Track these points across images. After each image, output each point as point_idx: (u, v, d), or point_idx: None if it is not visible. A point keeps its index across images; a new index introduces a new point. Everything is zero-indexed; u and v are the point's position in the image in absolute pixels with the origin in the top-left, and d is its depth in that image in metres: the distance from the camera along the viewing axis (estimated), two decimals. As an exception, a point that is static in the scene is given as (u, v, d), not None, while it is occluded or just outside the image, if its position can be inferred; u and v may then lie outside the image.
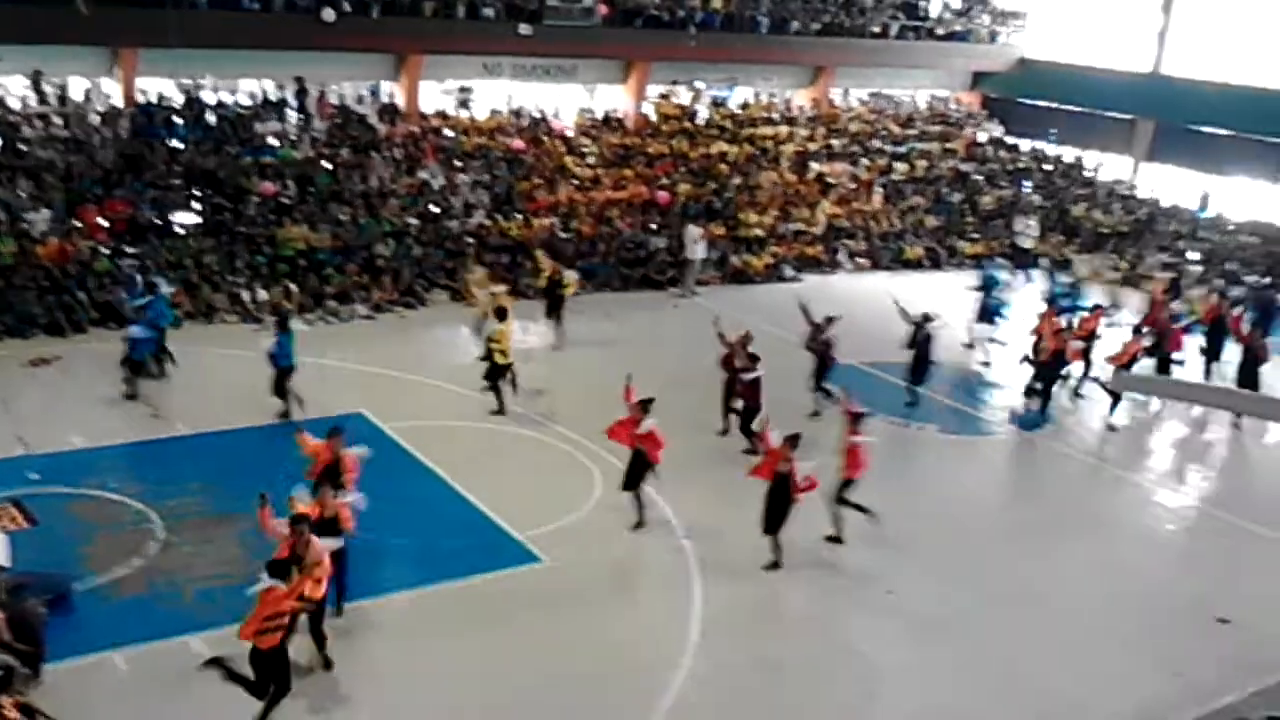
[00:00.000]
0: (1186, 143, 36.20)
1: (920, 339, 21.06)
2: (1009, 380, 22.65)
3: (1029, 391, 21.27)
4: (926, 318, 21.05)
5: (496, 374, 19.28)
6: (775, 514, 14.68)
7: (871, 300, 25.95)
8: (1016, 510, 17.67)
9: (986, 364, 23.98)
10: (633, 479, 15.55)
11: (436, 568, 14.26)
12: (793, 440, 14.74)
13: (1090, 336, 22.21)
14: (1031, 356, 21.40)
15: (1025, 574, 15.52)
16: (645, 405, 15.47)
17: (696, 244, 27.36)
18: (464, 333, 22.61)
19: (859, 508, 15.66)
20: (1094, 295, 27.00)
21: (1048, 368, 21.14)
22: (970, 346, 24.57)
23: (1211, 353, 23.72)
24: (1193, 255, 31.94)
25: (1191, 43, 37.02)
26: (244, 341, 20.15)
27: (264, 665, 10.83)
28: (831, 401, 19.26)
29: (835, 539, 15.62)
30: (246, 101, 28.20)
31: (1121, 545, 16.87)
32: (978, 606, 14.56)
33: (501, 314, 19.39)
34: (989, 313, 24.63)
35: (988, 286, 25.19)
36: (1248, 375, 21.85)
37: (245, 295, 22.91)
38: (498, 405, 19.30)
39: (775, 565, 14.81)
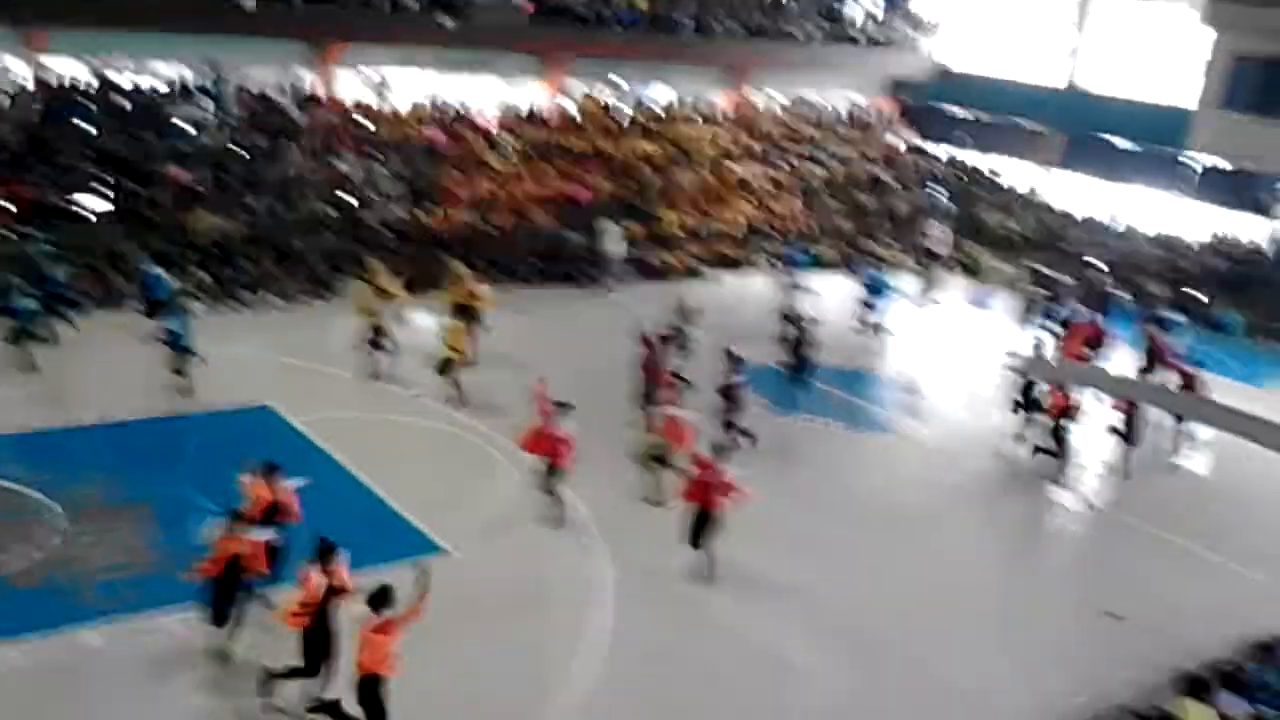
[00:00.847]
0: (1095, 153, 37.12)
1: (799, 339, 21.25)
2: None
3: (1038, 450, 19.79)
4: (801, 318, 21.29)
5: (449, 367, 19.43)
6: (699, 526, 14.71)
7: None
8: (920, 507, 17.95)
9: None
10: (547, 483, 15.60)
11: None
12: (720, 450, 14.91)
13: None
14: (1022, 401, 20.58)
15: (927, 570, 15.85)
16: (562, 407, 15.47)
17: (615, 242, 27.37)
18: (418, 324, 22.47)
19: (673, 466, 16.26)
20: (999, 297, 27.65)
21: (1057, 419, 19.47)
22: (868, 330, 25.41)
23: None
24: (1100, 264, 32.71)
25: (1102, 57, 37.97)
26: (151, 330, 19.84)
27: (368, 691, 10.73)
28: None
29: (656, 502, 16.25)
30: (160, 87, 27.75)
31: (1022, 543, 17.33)
32: (880, 602, 14.85)
33: (458, 311, 19.62)
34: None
35: (874, 290, 25.96)
36: None
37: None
38: (457, 395, 19.45)
39: (705, 577, 14.85)
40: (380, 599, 10.64)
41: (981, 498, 18.77)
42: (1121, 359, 24.07)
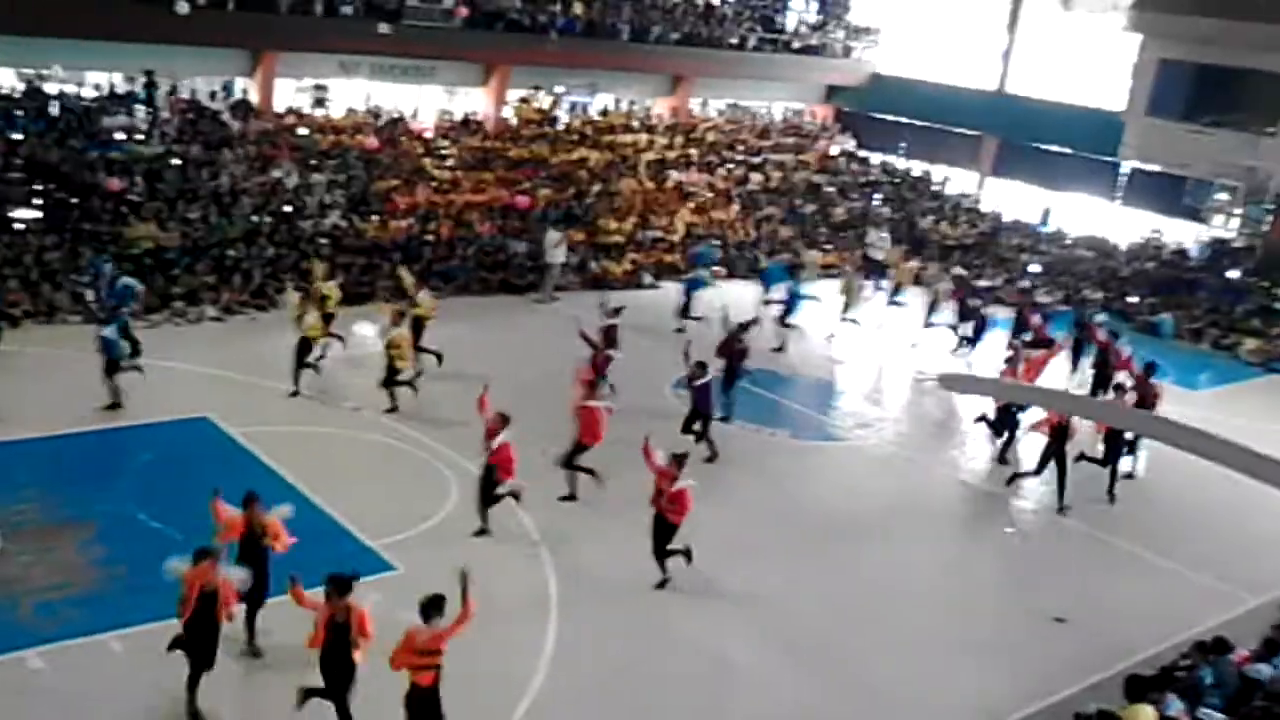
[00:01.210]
0: (1028, 159, 37.81)
1: (734, 348, 21.09)
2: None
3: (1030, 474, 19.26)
4: (743, 327, 21.34)
5: (394, 378, 19.25)
6: (661, 533, 14.73)
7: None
8: (863, 514, 18.09)
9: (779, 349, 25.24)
10: (487, 496, 15.46)
11: (287, 576, 13.97)
12: (679, 459, 14.83)
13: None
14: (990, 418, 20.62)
15: (870, 576, 16.00)
16: (504, 419, 15.28)
17: (556, 249, 27.38)
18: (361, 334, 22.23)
19: (589, 471, 16.53)
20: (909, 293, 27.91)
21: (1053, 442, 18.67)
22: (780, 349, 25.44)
23: None
24: (1034, 268, 33.25)
25: (1034, 63, 38.61)
26: (86, 342, 19.46)
27: (420, 704, 10.69)
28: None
29: (568, 497, 16.64)
30: (93, 94, 27.30)
31: (963, 548, 17.53)
32: (827, 609, 14.96)
33: (401, 319, 19.51)
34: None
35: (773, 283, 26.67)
36: None
37: (89, 294, 22.15)
38: (390, 404, 19.31)
39: (664, 583, 14.91)
40: (432, 608, 10.49)
41: (927, 504, 18.94)
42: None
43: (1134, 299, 31.94)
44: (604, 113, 36.14)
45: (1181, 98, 33.28)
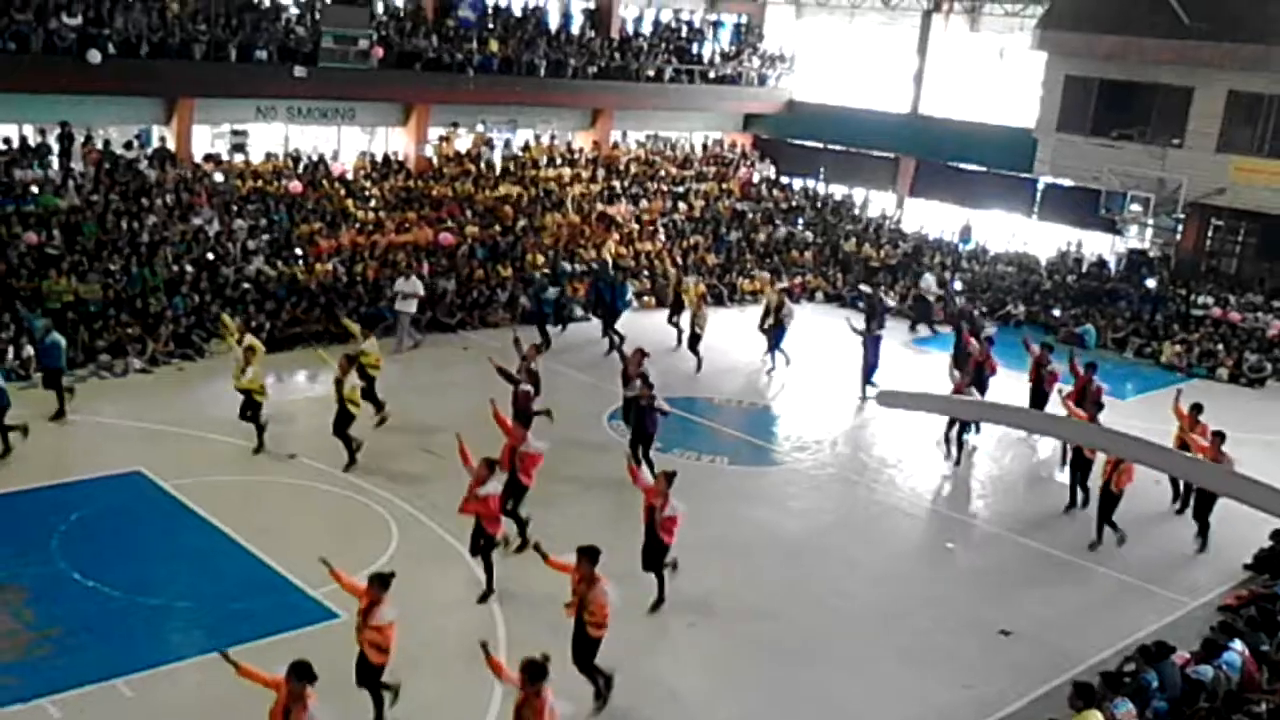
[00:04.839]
0: (946, 178, 38.44)
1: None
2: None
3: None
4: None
5: (346, 425, 18.72)
6: (652, 550, 14.81)
7: (654, 338, 26.74)
8: (805, 534, 18.18)
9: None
10: (477, 545, 15.14)
11: (228, 630, 13.65)
12: (668, 476, 14.85)
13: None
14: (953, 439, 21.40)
15: (814, 594, 16.09)
16: (490, 465, 14.87)
17: (406, 300, 25.91)
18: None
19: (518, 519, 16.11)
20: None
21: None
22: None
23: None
24: (957, 285, 33.78)
25: (946, 85, 39.37)
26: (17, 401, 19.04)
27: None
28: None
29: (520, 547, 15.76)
30: (3, 147, 26.78)
31: (903, 564, 17.67)
32: (770, 627, 15.02)
33: (351, 366, 18.84)
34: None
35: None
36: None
37: (9, 352, 21.66)
38: (348, 457, 18.76)
39: (659, 603, 14.99)
40: (538, 672, 10.21)
41: (868, 523, 19.11)
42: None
43: (1057, 311, 32.57)
44: (525, 148, 36.17)
45: (1089, 113, 34.13)
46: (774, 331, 26.59)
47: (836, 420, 23.89)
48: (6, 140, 27.06)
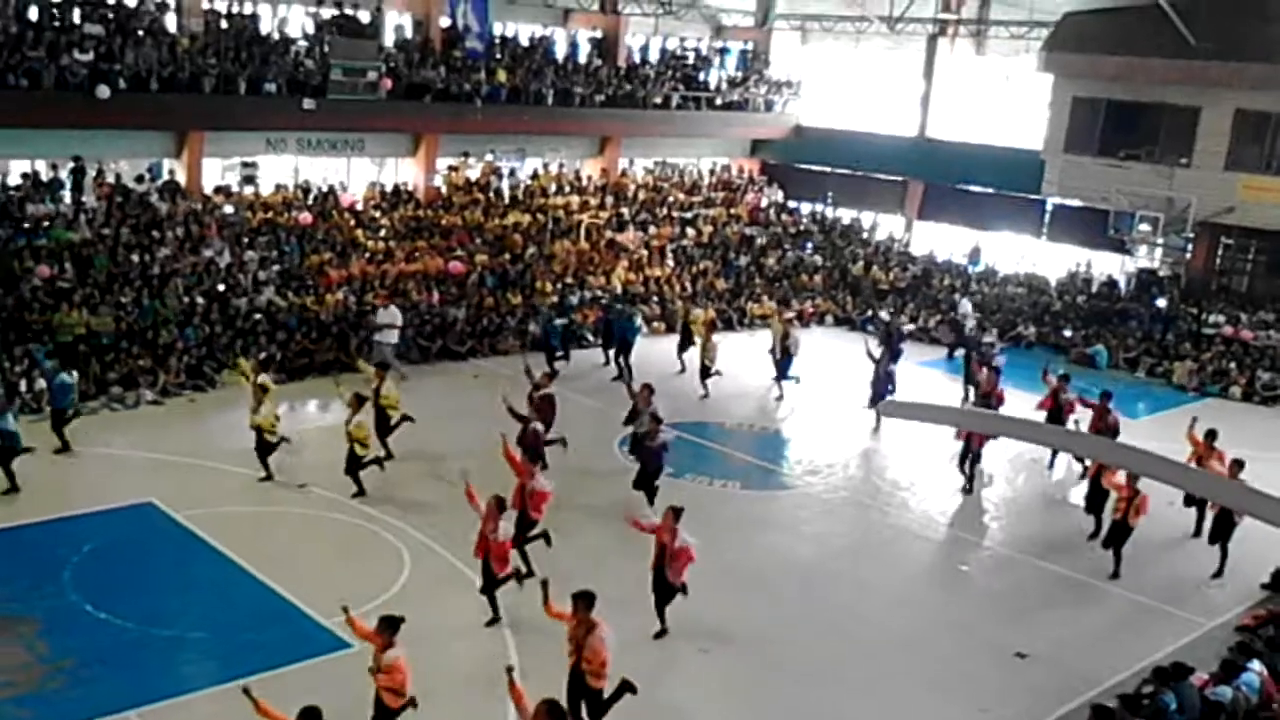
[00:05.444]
0: (954, 201, 38.46)
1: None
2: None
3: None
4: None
5: (355, 464, 18.76)
6: (661, 590, 14.77)
7: (664, 363, 27.01)
8: (819, 559, 18.12)
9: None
10: (489, 583, 15.11)
11: (241, 661, 13.66)
12: (676, 512, 14.83)
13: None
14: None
15: (829, 619, 16.02)
16: (500, 502, 14.91)
17: (386, 333, 25.56)
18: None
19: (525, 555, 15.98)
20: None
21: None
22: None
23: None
24: (966, 306, 33.74)
25: (952, 108, 39.46)
26: (21, 433, 19.10)
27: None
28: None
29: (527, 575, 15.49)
30: (16, 181, 26.95)
31: (918, 588, 17.59)
32: (785, 651, 14.95)
33: (361, 406, 18.90)
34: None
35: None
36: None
37: (23, 385, 21.71)
38: (358, 489, 18.80)
39: (661, 634, 14.96)
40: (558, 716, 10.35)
41: (881, 547, 19.03)
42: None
43: (1068, 332, 32.51)
44: (534, 176, 36.30)
45: (1096, 134, 34.18)
46: (781, 361, 26.65)
47: (848, 444, 23.81)
48: (23, 175, 27.25)
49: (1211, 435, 19.60)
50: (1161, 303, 33.00)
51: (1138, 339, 31.75)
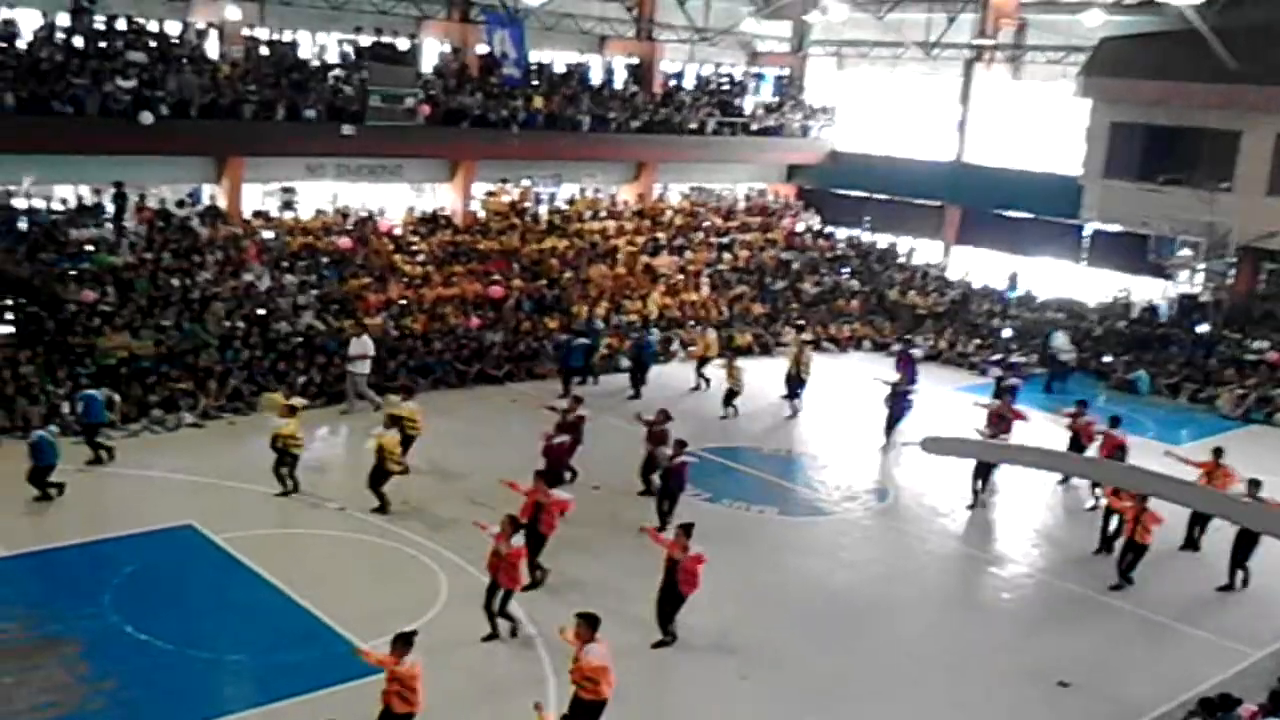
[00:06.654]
0: (992, 226, 38.26)
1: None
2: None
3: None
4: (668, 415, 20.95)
5: (381, 479, 18.96)
6: (668, 601, 14.95)
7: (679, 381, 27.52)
8: (858, 586, 17.98)
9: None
10: (492, 599, 15.17)
11: (279, 684, 13.71)
12: (687, 529, 14.98)
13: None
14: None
15: (870, 647, 15.88)
16: (514, 523, 15.11)
17: (360, 361, 24.85)
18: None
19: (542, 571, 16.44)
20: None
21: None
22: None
23: None
24: (1006, 332, 33.54)
25: (990, 133, 39.31)
26: (66, 455, 19.27)
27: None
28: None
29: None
30: (60, 207, 27.30)
31: (957, 613, 17.41)
32: (820, 679, 14.81)
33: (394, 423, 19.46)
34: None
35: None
36: None
37: (65, 408, 21.90)
38: (379, 504, 18.99)
39: (665, 643, 15.08)
40: None
41: (920, 573, 18.88)
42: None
43: (1109, 358, 32.20)
44: (570, 202, 36.43)
45: (1135, 159, 33.90)
46: (793, 382, 26.79)
47: (885, 469, 23.68)
48: (64, 201, 27.61)
49: (1218, 453, 19.67)
50: (1203, 328, 32.63)
51: (1179, 365, 31.41)
